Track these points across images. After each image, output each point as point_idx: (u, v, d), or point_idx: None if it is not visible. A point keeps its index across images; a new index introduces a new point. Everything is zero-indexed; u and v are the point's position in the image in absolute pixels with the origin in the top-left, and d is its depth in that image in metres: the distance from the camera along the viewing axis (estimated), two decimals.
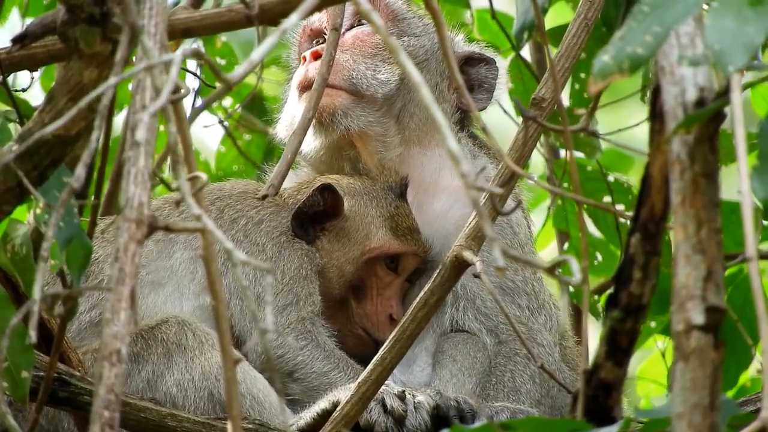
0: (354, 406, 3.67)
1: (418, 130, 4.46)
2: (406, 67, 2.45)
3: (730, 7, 2.51)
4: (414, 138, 4.45)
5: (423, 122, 4.46)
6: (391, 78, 4.41)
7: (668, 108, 2.59)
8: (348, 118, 4.37)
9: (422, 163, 4.43)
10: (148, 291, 4.16)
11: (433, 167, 4.44)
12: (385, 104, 4.41)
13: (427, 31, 4.54)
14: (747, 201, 2.47)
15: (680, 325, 2.49)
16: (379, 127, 4.40)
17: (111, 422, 2.43)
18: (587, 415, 2.64)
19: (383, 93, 4.39)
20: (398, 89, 4.42)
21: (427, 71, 4.48)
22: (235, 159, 5.79)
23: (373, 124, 4.39)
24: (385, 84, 4.40)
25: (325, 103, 4.31)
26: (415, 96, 4.44)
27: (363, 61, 4.41)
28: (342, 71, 4.38)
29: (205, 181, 2.62)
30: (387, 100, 4.40)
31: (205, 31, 2.97)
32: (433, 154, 4.45)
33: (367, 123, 4.38)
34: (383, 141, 4.41)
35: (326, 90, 4.23)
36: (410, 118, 4.44)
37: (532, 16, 4.54)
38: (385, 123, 4.41)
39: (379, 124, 4.40)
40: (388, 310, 4.29)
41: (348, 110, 4.37)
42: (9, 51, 3.18)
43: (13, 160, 2.91)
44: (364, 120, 4.38)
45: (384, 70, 4.40)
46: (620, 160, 5.76)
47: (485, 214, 2.63)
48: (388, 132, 4.42)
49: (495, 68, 4.52)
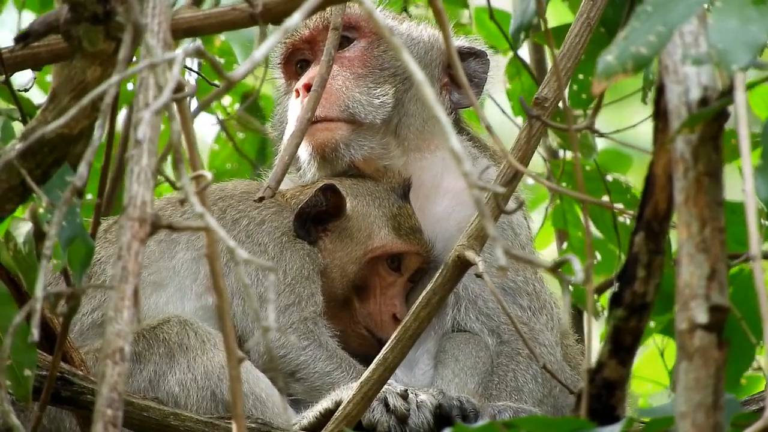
0: (356, 405, 3.67)
1: (416, 138, 4.45)
2: (409, 66, 2.45)
3: (734, 7, 2.51)
4: (412, 145, 4.44)
5: (420, 129, 4.44)
6: (387, 100, 4.38)
7: (672, 107, 2.59)
8: (351, 149, 4.34)
9: (422, 167, 4.43)
10: (150, 291, 4.16)
11: (434, 171, 4.43)
12: (384, 125, 4.38)
13: (411, 37, 4.50)
14: (751, 200, 2.47)
15: (684, 324, 2.49)
16: (381, 149, 4.39)
17: (114, 420, 2.43)
18: (591, 414, 2.64)
19: (382, 118, 4.37)
20: (394, 107, 4.40)
21: None
22: (229, 157, 5.79)
23: (375, 148, 4.38)
24: (382, 107, 4.37)
25: (325, 138, 4.30)
26: (410, 107, 4.43)
27: (356, 87, 4.36)
28: (337, 101, 4.33)
29: (209, 179, 2.62)
30: (385, 121, 4.39)
31: (209, 29, 2.97)
32: (433, 158, 4.44)
33: (370, 149, 4.36)
34: (386, 157, 4.41)
35: (325, 124, 4.24)
36: (407, 129, 4.42)
37: (529, 16, 4.53)
38: (386, 143, 4.40)
39: (381, 145, 4.39)
40: (392, 309, 4.29)
41: (350, 142, 4.34)
42: (12, 50, 3.18)
43: (16, 159, 2.91)
44: (367, 148, 4.36)
45: (378, 92, 4.36)
46: (618, 160, 5.76)
47: (488, 213, 2.63)
48: (389, 148, 4.41)
49: (486, 61, 4.49)
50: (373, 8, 2.54)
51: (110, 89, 2.57)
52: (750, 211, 2.47)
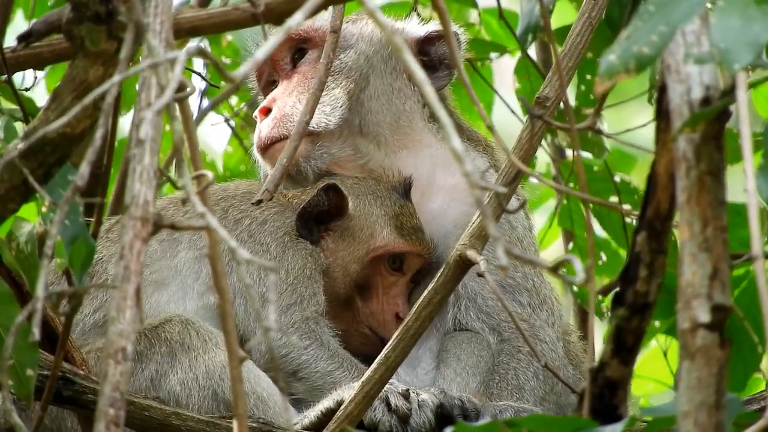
0: (358, 404, 3.67)
1: (393, 135, 4.42)
2: (410, 66, 2.45)
3: (736, 6, 2.51)
4: (391, 142, 4.42)
5: (394, 126, 4.41)
6: (338, 104, 4.36)
7: (674, 106, 2.59)
8: (312, 161, 4.34)
9: (414, 165, 4.41)
10: (152, 290, 4.16)
11: (425, 168, 4.42)
12: (343, 128, 4.37)
13: (362, 35, 4.48)
14: (753, 200, 2.47)
15: (686, 324, 2.49)
16: (349, 151, 4.38)
17: (116, 420, 2.43)
18: (593, 413, 2.64)
19: (335, 122, 4.36)
20: (350, 109, 4.38)
21: (376, 76, 4.43)
22: (243, 159, 5.78)
23: (340, 151, 4.37)
24: (335, 112, 4.35)
25: None
26: (372, 105, 4.40)
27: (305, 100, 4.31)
28: (289, 119, 4.32)
29: (210, 179, 2.62)
30: (343, 124, 4.37)
31: (212, 29, 2.97)
32: (423, 156, 4.43)
33: (333, 154, 4.36)
34: (359, 157, 4.40)
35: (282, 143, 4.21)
36: (377, 126, 4.40)
37: (536, 16, 4.53)
38: (354, 144, 4.39)
39: (347, 147, 4.38)
40: (395, 308, 4.30)
41: (309, 154, 4.34)
42: (14, 50, 3.19)
43: (19, 158, 2.91)
44: (328, 155, 4.36)
45: (327, 98, 4.34)
46: (623, 160, 5.76)
47: (489, 213, 2.62)
48: (359, 149, 4.39)
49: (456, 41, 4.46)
50: (374, 8, 2.53)
51: (112, 89, 2.57)
52: (752, 211, 2.47)
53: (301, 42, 4.47)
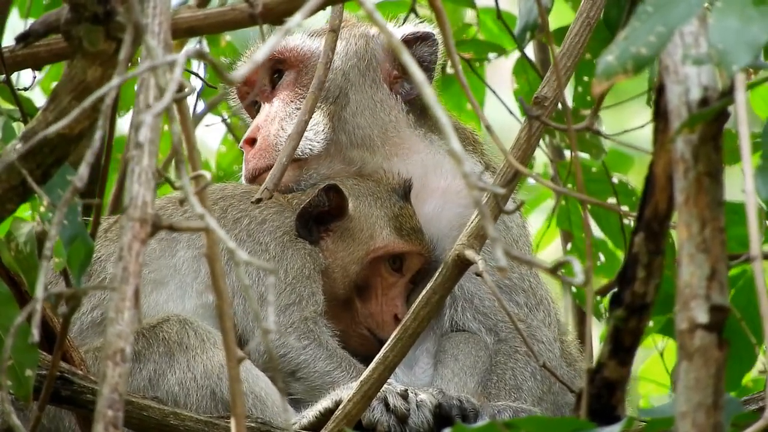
0: (356, 404, 3.67)
1: (383, 145, 4.40)
2: (410, 67, 2.45)
3: (734, 7, 2.51)
4: (382, 153, 4.41)
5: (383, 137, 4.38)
6: (319, 127, 4.34)
7: (672, 107, 2.59)
8: (303, 183, 4.34)
9: (407, 171, 4.40)
10: (151, 289, 4.16)
11: (418, 173, 4.40)
12: (330, 147, 4.35)
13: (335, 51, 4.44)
14: (751, 200, 2.48)
15: (684, 324, 2.49)
16: (339, 164, 4.38)
17: (114, 421, 2.43)
18: (591, 414, 2.65)
19: (320, 146, 4.34)
20: (333, 129, 4.36)
21: (355, 91, 4.39)
22: (236, 159, 5.78)
23: (329, 169, 4.36)
24: (317, 136, 4.33)
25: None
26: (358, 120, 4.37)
27: (288, 127, 4.29)
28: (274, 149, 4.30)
29: (208, 179, 2.62)
30: (328, 144, 4.35)
31: (209, 29, 2.97)
32: (414, 161, 4.41)
33: (323, 173, 4.35)
34: (353, 164, 4.39)
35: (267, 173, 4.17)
36: (368, 141, 4.37)
37: (534, 16, 4.54)
38: (342, 157, 4.37)
39: (336, 162, 4.37)
40: (393, 309, 4.30)
41: (299, 178, 4.34)
42: (12, 49, 3.19)
43: (17, 159, 2.91)
44: (318, 174, 4.35)
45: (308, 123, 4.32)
46: (621, 161, 5.76)
47: (487, 214, 2.63)
48: (352, 159, 4.38)
49: (432, 42, 4.42)
50: (373, 9, 2.53)
51: (110, 90, 2.57)
52: (750, 211, 2.47)
53: (277, 63, 4.43)
